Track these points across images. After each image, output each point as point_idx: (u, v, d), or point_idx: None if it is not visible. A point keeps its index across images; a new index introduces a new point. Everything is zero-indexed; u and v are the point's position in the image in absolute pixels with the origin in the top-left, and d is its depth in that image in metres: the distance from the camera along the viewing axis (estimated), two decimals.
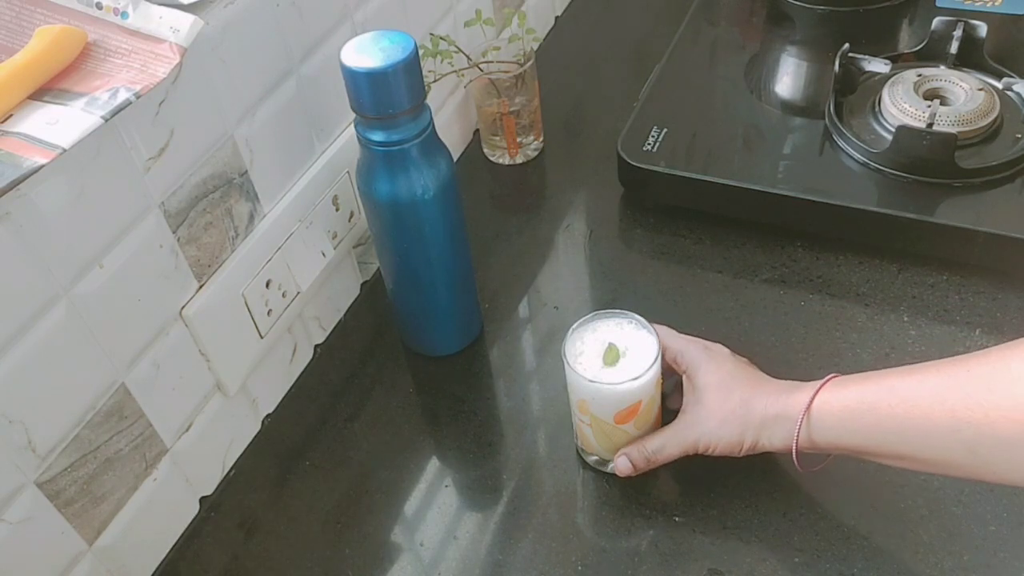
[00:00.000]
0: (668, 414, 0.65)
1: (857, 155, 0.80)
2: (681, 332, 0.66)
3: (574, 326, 0.63)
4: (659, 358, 0.61)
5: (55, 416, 0.54)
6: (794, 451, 0.57)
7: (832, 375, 0.58)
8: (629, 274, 0.81)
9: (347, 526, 0.66)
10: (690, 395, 0.62)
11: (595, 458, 0.67)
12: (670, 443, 0.62)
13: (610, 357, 0.61)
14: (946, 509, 0.61)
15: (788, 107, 0.90)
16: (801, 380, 0.59)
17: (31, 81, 0.51)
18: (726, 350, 0.64)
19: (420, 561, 0.63)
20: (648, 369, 0.60)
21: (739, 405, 0.60)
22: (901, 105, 0.80)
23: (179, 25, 0.53)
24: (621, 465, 0.63)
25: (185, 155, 0.59)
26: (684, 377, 0.64)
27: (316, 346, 0.78)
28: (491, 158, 0.95)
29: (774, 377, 0.62)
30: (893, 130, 0.77)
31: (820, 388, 0.57)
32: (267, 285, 0.68)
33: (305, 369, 0.76)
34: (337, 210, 0.75)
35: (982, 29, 0.84)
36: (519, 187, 0.93)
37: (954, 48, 0.84)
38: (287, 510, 0.67)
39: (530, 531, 0.64)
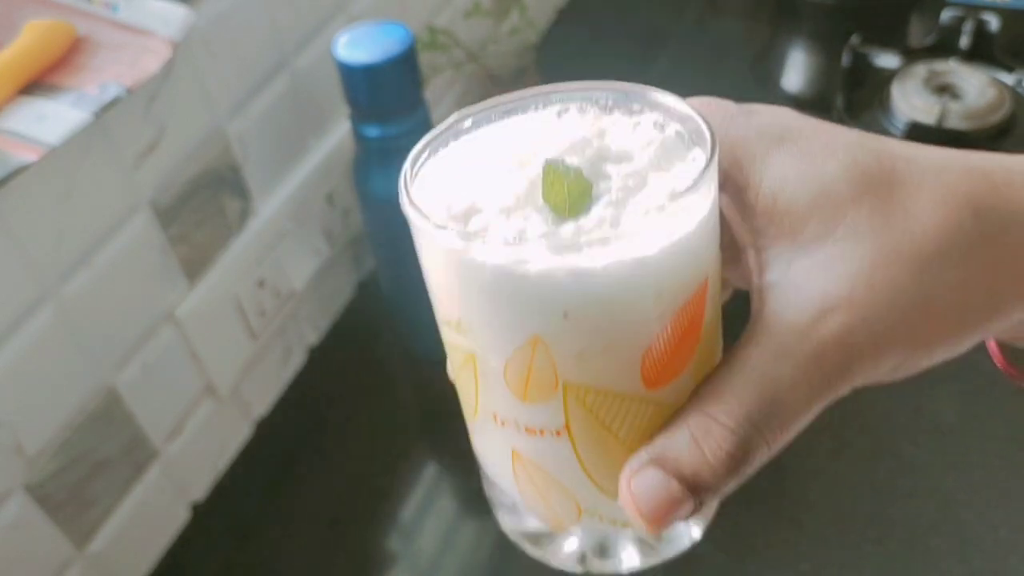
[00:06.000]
0: None
1: None
2: None
3: (424, 145, 0.27)
4: (716, 151, 0.24)
5: (43, 419, 0.53)
6: None
7: None
8: None
9: (342, 533, 0.65)
10: (771, 229, 0.25)
11: (545, 529, 0.30)
12: (793, 379, 0.24)
13: (557, 192, 0.24)
14: (956, 515, 0.60)
15: (796, 101, 0.90)
16: None
17: (20, 76, 0.50)
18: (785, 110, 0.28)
19: (417, 569, 0.62)
20: (702, 178, 0.24)
21: (949, 210, 0.24)
22: (911, 100, 0.79)
23: (170, 18, 0.53)
24: (655, 490, 0.24)
25: (176, 151, 0.58)
26: (721, 196, 0.27)
27: (310, 348, 0.77)
28: None
29: None
30: (902, 126, 0.77)
31: None
32: (260, 285, 0.67)
33: (299, 372, 0.76)
34: (332, 208, 0.74)
35: (994, 23, 0.83)
36: None
37: (965, 42, 0.84)
38: (280, 517, 0.67)
39: None
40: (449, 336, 0.27)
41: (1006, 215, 0.25)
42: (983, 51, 0.84)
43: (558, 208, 0.24)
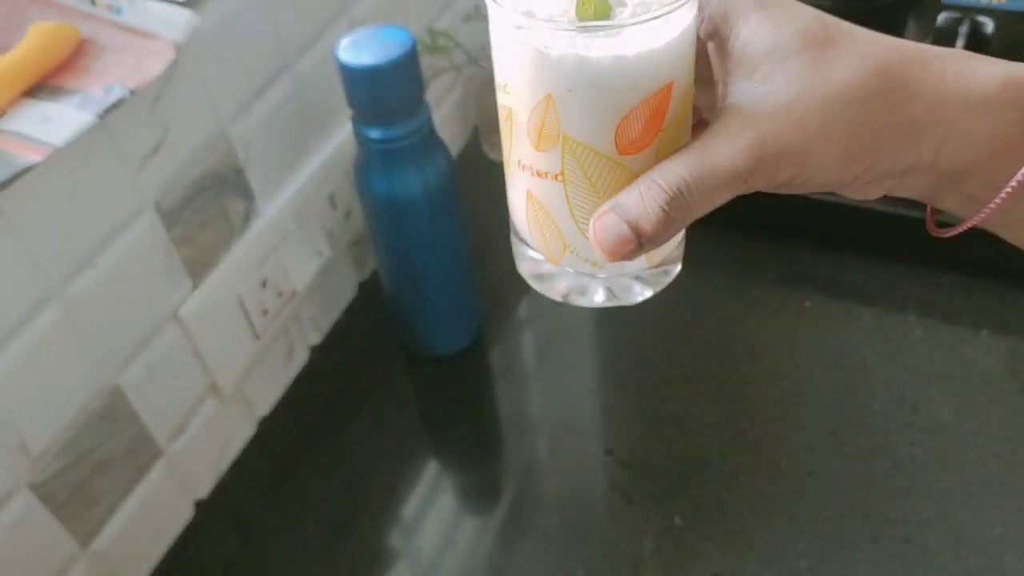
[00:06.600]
0: None
1: None
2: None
3: None
4: None
5: (48, 418, 0.53)
6: None
7: None
8: None
9: (344, 531, 0.65)
10: (737, 70, 0.34)
11: (544, 260, 0.38)
12: (715, 165, 0.32)
13: (587, 9, 0.32)
14: (953, 513, 0.60)
15: None
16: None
17: (25, 78, 0.50)
18: None
19: (418, 567, 0.63)
20: (673, 7, 0.32)
21: (861, 69, 0.33)
22: None
23: (174, 21, 0.53)
24: (611, 230, 0.33)
25: (180, 153, 0.58)
26: (710, 45, 0.36)
27: (312, 347, 0.77)
28: (491, 156, 0.94)
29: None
30: None
31: None
32: (263, 285, 0.67)
33: (301, 371, 0.76)
34: (334, 209, 0.74)
35: (989, 26, 0.83)
36: None
37: (960, 45, 0.84)
38: (283, 514, 0.67)
39: (531, 537, 0.63)
40: (500, 98, 0.35)
41: (901, 79, 0.32)
42: (979, 53, 0.84)
43: (585, 19, 0.32)
